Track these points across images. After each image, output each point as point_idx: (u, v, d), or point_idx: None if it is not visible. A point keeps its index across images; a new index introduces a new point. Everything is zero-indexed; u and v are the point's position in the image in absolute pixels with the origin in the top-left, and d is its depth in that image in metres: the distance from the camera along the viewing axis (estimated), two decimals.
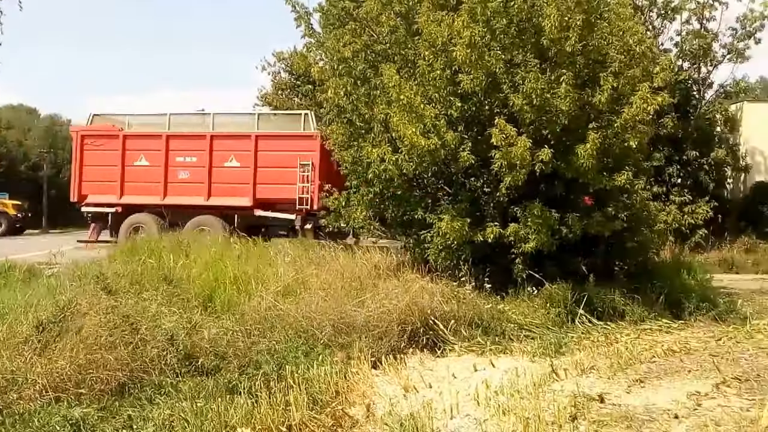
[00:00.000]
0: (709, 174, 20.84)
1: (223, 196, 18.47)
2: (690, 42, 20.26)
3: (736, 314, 10.35)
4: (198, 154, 18.58)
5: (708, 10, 20.39)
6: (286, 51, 31.04)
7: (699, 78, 21.14)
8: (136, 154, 19.03)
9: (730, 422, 5.56)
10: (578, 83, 10.07)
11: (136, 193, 18.90)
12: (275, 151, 18.56)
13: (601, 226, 10.11)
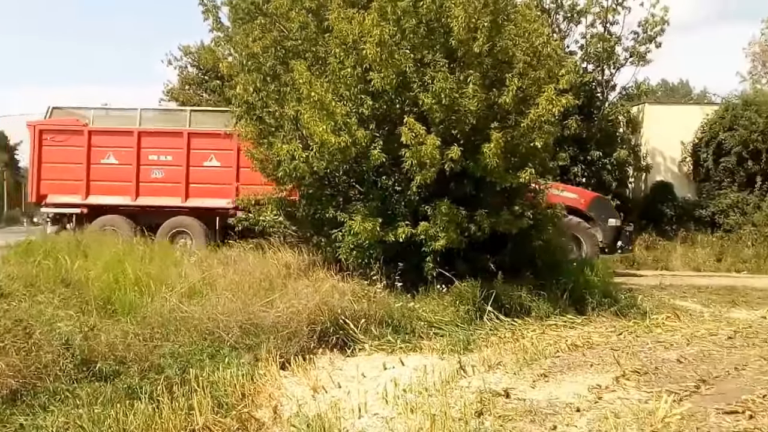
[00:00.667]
0: (612, 174, 21.54)
1: (202, 197, 17.17)
2: (594, 45, 20.89)
3: (637, 309, 10.72)
4: (174, 152, 17.27)
5: (611, 14, 21.07)
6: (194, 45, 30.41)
7: (603, 80, 21.83)
8: (104, 151, 17.44)
9: (629, 414, 5.72)
10: (486, 83, 10.21)
11: (103, 193, 17.35)
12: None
13: (508, 225, 10.30)
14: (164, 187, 17.14)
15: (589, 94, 21.09)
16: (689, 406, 5.89)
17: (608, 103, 22.21)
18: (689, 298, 12.85)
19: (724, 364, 7.52)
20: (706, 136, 22.24)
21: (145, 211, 17.23)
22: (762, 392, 6.29)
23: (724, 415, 5.69)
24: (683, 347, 8.48)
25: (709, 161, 21.85)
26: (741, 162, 21.22)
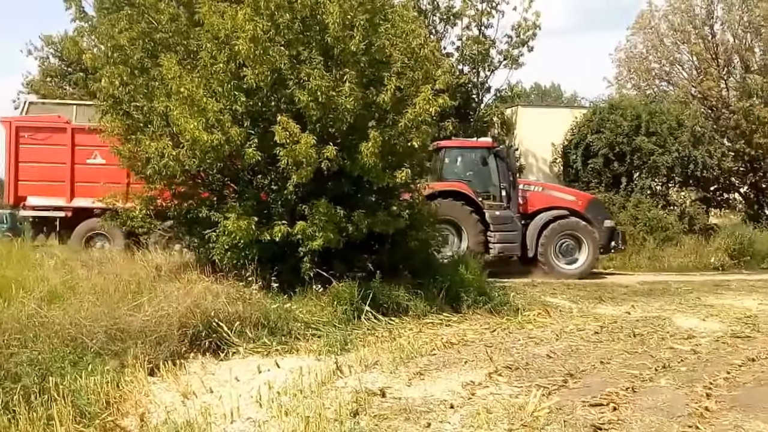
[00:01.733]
0: None
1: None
2: (470, 47, 21.38)
3: (510, 306, 10.99)
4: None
5: (486, 17, 21.65)
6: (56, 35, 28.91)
7: (478, 82, 22.39)
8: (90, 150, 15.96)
9: (500, 409, 5.84)
10: (363, 82, 10.18)
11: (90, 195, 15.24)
12: None
13: (386, 225, 10.31)
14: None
15: (465, 95, 21.56)
16: (557, 400, 6.09)
17: (483, 104, 22.79)
18: (559, 295, 13.32)
19: (591, 359, 7.85)
20: (575, 138, 23.18)
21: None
22: (625, 385, 6.61)
23: (590, 408, 5.91)
24: (553, 342, 8.79)
25: (578, 162, 22.76)
26: (607, 163, 22.22)
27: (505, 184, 16.73)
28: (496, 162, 16.92)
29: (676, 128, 21.83)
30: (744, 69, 24.34)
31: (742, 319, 10.62)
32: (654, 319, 10.64)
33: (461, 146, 17.66)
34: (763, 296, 13.34)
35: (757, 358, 7.87)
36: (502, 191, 16.75)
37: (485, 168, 17.05)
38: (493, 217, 16.30)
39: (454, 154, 17.34)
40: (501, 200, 16.76)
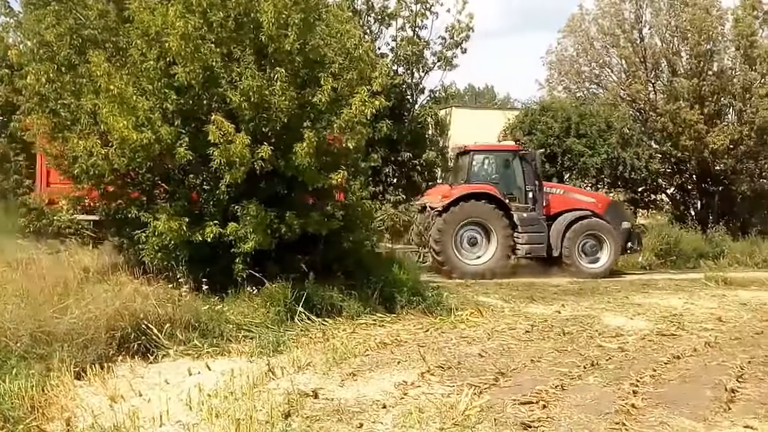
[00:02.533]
0: (422, 174, 22.20)
1: None
2: (404, 48, 21.41)
3: (443, 306, 11.07)
4: None
5: (420, 18, 21.71)
6: None
7: (412, 83, 22.44)
8: None
9: (432, 408, 5.89)
10: (298, 82, 10.12)
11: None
12: None
13: (319, 225, 10.26)
14: None
15: (399, 96, 21.59)
16: (488, 398, 6.18)
17: (418, 105, 22.87)
18: (492, 295, 13.47)
19: (522, 357, 7.98)
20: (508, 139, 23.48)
21: None
22: (555, 383, 6.73)
23: (520, 406, 6.02)
24: (485, 342, 8.90)
25: None
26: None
27: (530, 187, 17.18)
28: (522, 165, 17.36)
29: (605, 130, 22.33)
30: (671, 73, 25.02)
31: (668, 318, 10.92)
32: (583, 317, 10.87)
33: (488, 149, 18.08)
34: (689, 295, 13.75)
35: (682, 356, 8.10)
36: (528, 193, 17.17)
37: (510, 170, 17.50)
38: (521, 218, 16.68)
39: (481, 157, 17.72)
40: (526, 202, 17.19)
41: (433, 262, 16.72)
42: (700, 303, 12.67)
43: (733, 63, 24.51)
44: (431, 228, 16.37)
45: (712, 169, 24.29)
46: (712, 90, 23.87)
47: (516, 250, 16.64)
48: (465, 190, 16.49)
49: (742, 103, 23.58)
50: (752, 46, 23.49)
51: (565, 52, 27.90)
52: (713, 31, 23.91)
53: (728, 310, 11.83)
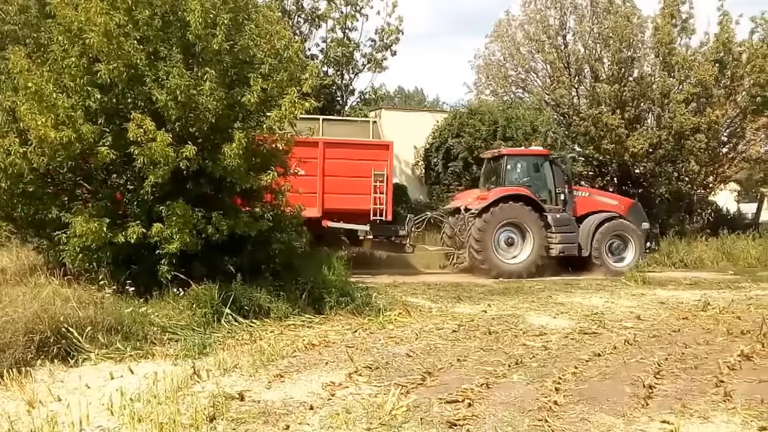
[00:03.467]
0: None
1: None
2: (334, 50, 21.44)
3: (372, 307, 11.11)
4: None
5: (350, 20, 21.77)
6: None
7: (342, 84, 22.49)
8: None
9: (359, 409, 5.90)
10: (227, 82, 10.02)
11: None
12: (346, 160, 16.94)
13: (248, 226, 10.18)
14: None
15: (329, 97, 21.61)
16: (415, 398, 6.22)
17: (348, 106, 22.92)
18: (420, 295, 13.59)
19: (448, 356, 8.05)
20: (437, 141, 23.73)
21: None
22: (480, 381, 6.82)
23: (446, 405, 6.07)
24: (412, 342, 8.96)
25: (439, 165, 23.29)
26: (467, 167, 22.83)
27: (560, 189, 18.30)
28: (552, 168, 18.40)
29: (531, 133, 22.79)
30: (593, 78, 25.69)
31: (590, 316, 11.17)
32: (508, 317, 11.04)
33: (522, 154, 19.00)
34: (610, 294, 14.13)
35: (603, 353, 8.27)
36: (559, 195, 18.29)
37: (541, 174, 18.50)
38: (555, 219, 17.77)
39: (515, 161, 18.57)
40: (557, 204, 18.27)
41: (470, 263, 17.44)
42: (620, 302, 13.04)
43: (652, 69, 25.38)
44: (469, 229, 17.24)
45: (632, 171, 25.12)
46: (632, 95, 24.66)
47: (550, 250, 17.64)
48: (502, 192, 17.42)
49: (661, 108, 24.44)
50: (671, 53, 24.37)
51: (493, 56, 28.45)
52: (634, 38, 24.73)
53: (647, 308, 12.20)
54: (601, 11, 25.68)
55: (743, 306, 12.23)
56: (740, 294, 14.16)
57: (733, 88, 24.83)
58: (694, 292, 14.58)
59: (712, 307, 11.90)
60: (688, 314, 11.27)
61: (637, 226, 18.77)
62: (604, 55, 25.67)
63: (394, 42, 22.09)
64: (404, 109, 35.97)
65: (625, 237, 18.49)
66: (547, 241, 17.62)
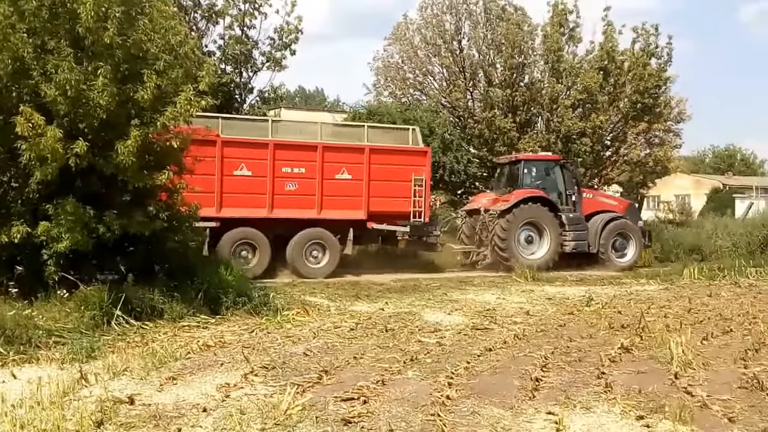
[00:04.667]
0: None
1: (335, 208, 17.31)
2: (233, 47, 21.08)
3: (269, 306, 11.05)
4: (307, 165, 17.09)
5: (249, 18, 21.46)
6: None
7: (241, 82, 22.13)
8: (236, 162, 16.45)
9: (254, 409, 5.87)
10: (119, 78, 9.73)
11: (236, 206, 16.39)
12: (389, 165, 17.88)
13: (142, 226, 9.92)
14: (298, 200, 17.04)
15: (227, 95, 21.25)
16: (311, 397, 6.23)
17: (246, 105, 22.61)
18: (318, 294, 13.63)
19: (345, 355, 8.11)
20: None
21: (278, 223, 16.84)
22: (376, 378, 6.90)
23: (342, 402, 6.11)
24: (310, 341, 8.98)
25: None
26: None
27: (570, 191, 20.11)
28: (562, 172, 20.26)
29: (428, 135, 23.10)
30: (487, 83, 26.41)
31: (482, 312, 11.50)
32: (405, 314, 11.23)
33: (536, 159, 20.92)
34: (501, 291, 14.60)
35: (494, 348, 8.52)
36: (570, 197, 20.08)
37: (552, 177, 20.29)
38: (568, 219, 19.55)
39: (531, 165, 20.36)
40: (568, 204, 20.03)
41: (493, 259, 19.04)
42: (510, 298, 13.50)
43: (542, 76, 26.34)
44: (493, 229, 18.86)
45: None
46: (523, 100, 25.52)
47: (564, 246, 19.39)
48: (522, 194, 19.17)
49: (550, 113, 25.41)
50: (559, 60, 25.37)
51: (391, 58, 28.74)
52: (525, 45, 25.61)
53: (535, 304, 12.69)
54: (494, 18, 26.42)
55: (624, 301, 12.91)
56: (622, 290, 14.94)
57: (615, 95, 26.09)
58: (579, 288, 15.26)
59: (595, 302, 12.49)
60: (574, 309, 11.78)
61: (634, 224, 20.72)
62: (497, 61, 26.44)
63: (293, 41, 21.89)
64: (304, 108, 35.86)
65: (627, 235, 20.43)
66: (561, 239, 19.34)
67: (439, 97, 27.87)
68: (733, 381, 6.94)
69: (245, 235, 16.58)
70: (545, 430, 5.52)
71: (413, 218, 18.06)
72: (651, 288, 15.47)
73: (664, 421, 5.65)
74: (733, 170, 66.12)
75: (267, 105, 23.59)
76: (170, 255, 10.95)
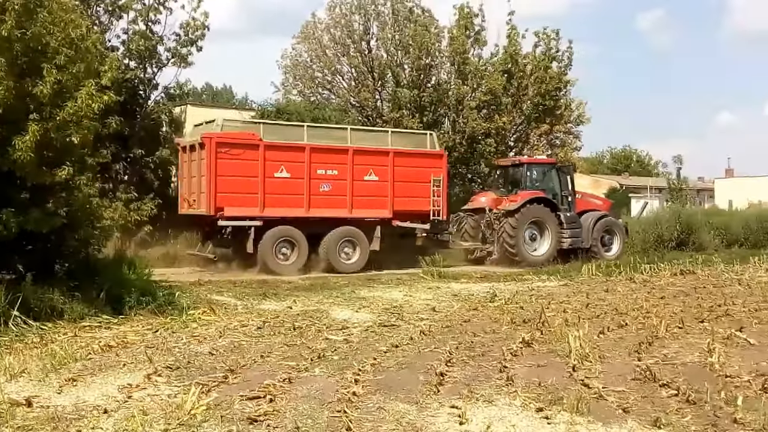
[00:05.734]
0: (155, 172, 21.49)
1: (364, 208, 18.84)
2: (137, 42, 20.56)
3: (174, 306, 10.90)
4: (339, 167, 18.52)
5: (154, 13, 20.96)
6: None
7: (145, 78, 21.61)
8: (276, 165, 17.82)
9: (157, 410, 5.81)
10: (17, 72, 9.41)
11: (277, 206, 17.81)
12: (410, 167, 19.50)
13: (40, 224, 9.62)
14: (332, 200, 18.47)
15: (131, 91, 20.73)
16: (216, 396, 6.20)
17: (151, 101, 22.13)
18: (225, 293, 13.51)
19: (252, 353, 8.10)
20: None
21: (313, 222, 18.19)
22: (283, 376, 6.92)
23: (248, 401, 6.11)
24: (216, 340, 8.92)
25: None
26: None
27: (566, 192, 21.84)
28: (558, 174, 22.04)
29: None
30: (395, 83, 26.68)
31: (390, 309, 11.68)
32: (313, 312, 11.29)
33: (536, 162, 22.36)
34: (408, 288, 14.83)
35: (400, 344, 8.67)
36: (567, 197, 21.81)
37: (549, 179, 21.93)
38: (566, 218, 21.26)
39: (532, 168, 21.84)
40: (564, 205, 21.64)
41: (500, 256, 20.47)
42: (417, 295, 13.74)
43: (448, 77, 26.82)
44: (501, 227, 20.39)
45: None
46: (430, 101, 25.94)
47: (562, 243, 21.02)
48: (528, 195, 20.74)
49: (456, 114, 25.94)
50: (465, 62, 25.92)
51: (300, 57, 28.64)
52: (432, 47, 25.99)
53: (441, 300, 12.96)
54: (402, 19, 26.71)
55: (526, 297, 13.35)
56: (524, 286, 15.43)
57: (519, 97, 26.87)
58: (484, 284, 15.69)
59: (499, 298, 12.88)
60: (478, 305, 12.11)
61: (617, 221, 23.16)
62: (405, 62, 26.75)
63: (199, 37, 21.52)
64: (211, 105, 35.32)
65: (613, 231, 22.52)
66: (560, 236, 20.99)
67: (348, 96, 27.97)
68: (627, 373, 7.24)
69: (285, 233, 17.87)
70: (448, 423, 5.62)
71: (432, 216, 19.72)
72: (551, 284, 16.03)
73: (562, 413, 5.83)
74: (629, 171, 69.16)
75: (173, 102, 23.15)
76: (71, 254, 10.65)
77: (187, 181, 18.72)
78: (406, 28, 26.32)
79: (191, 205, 18.38)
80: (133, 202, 19.20)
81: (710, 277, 17.00)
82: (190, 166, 18.46)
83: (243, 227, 17.67)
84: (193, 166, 18.24)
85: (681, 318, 10.41)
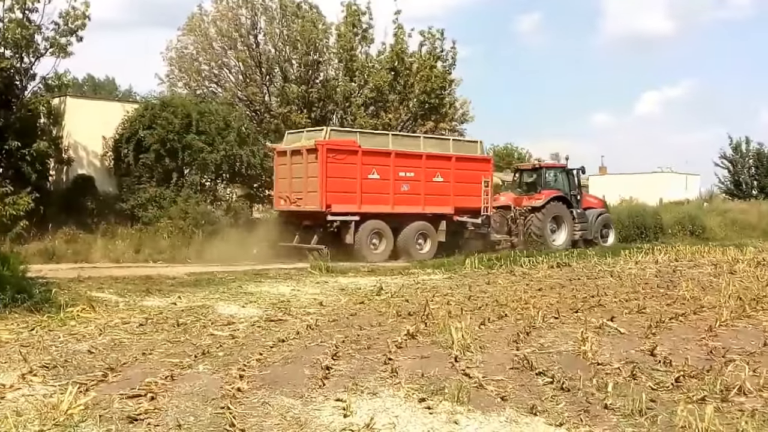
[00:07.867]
0: (32, 165, 20.57)
1: (433, 205, 21.93)
2: (13, 31, 19.62)
3: (52, 303, 10.51)
4: (415, 170, 21.58)
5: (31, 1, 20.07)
6: None
7: (22, 68, 20.66)
8: (370, 168, 20.80)
9: (32, 410, 5.64)
10: None
11: (370, 203, 20.75)
12: (467, 170, 22.69)
13: None
14: (410, 198, 21.60)
15: (6, 81, 19.81)
16: (95, 395, 6.05)
17: (28, 92, 21.18)
18: (106, 289, 13.07)
19: (134, 351, 7.95)
20: (127, 132, 22.90)
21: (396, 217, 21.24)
22: (165, 374, 6.81)
23: (128, 400, 5.99)
24: (96, 338, 8.71)
25: (130, 157, 22.46)
26: (159, 159, 22.32)
27: (574, 192, 25.78)
28: (567, 176, 26.01)
29: (223, 128, 22.96)
30: (283, 79, 26.60)
31: (277, 304, 11.64)
32: (198, 308, 11.12)
33: (552, 166, 26.75)
34: (296, 283, 14.81)
35: (287, 339, 8.65)
36: (576, 196, 25.72)
37: (562, 181, 25.90)
38: (577, 214, 25.29)
39: (549, 171, 25.97)
40: (574, 202, 25.46)
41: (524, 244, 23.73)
42: (305, 290, 13.75)
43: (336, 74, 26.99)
44: (528, 221, 24.21)
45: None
46: (318, 97, 26.11)
47: (574, 235, 25.03)
48: (550, 194, 24.66)
49: (343, 110, 26.19)
50: (352, 59, 26.18)
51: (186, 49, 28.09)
52: (319, 43, 26.12)
53: (329, 295, 13.02)
54: (289, 15, 26.66)
55: (411, 290, 13.65)
56: (410, 279, 15.75)
57: (405, 95, 27.37)
58: (371, 278, 15.88)
59: (385, 291, 13.12)
60: (365, 299, 12.28)
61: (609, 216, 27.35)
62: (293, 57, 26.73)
63: (80, 27, 20.73)
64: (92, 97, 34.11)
65: (609, 225, 26.87)
66: (572, 229, 24.92)
67: (236, 90, 27.64)
68: (506, 362, 7.50)
69: (376, 227, 20.92)
70: (333, 416, 5.68)
71: (483, 212, 22.95)
72: (436, 277, 16.42)
73: (443, 402, 5.99)
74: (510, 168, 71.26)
75: (51, 93, 22.26)
76: None
77: (287, 182, 21.22)
78: (294, 24, 26.29)
79: (293, 203, 20.94)
80: (8, 196, 18.36)
81: (584, 269, 17.87)
82: (290, 169, 21.02)
83: (346, 221, 20.38)
84: (295, 168, 20.87)
85: (557, 309, 10.90)
